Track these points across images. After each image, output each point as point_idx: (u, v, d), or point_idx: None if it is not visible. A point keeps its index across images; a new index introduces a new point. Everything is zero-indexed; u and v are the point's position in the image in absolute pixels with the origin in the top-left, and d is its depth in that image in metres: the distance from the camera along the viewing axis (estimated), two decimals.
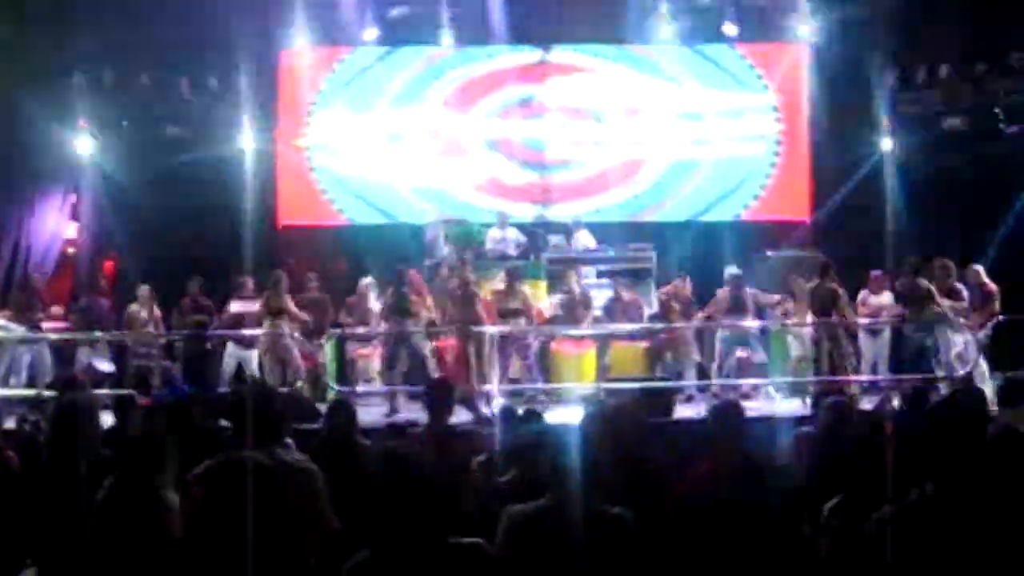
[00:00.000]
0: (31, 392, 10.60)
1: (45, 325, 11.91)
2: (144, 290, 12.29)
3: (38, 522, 4.40)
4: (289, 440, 4.23)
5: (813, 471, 4.89)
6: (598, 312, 12.06)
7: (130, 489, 4.07)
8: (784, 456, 5.42)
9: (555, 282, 12.39)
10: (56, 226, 14.64)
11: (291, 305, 11.39)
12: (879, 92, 14.38)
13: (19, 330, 11.48)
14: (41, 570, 4.36)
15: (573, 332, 11.76)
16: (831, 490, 4.23)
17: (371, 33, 15.13)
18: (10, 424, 7.69)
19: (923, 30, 13.94)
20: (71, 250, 14.91)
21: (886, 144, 14.47)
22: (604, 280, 12.86)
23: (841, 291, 11.24)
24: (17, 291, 12.31)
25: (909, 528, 3.15)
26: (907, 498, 3.23)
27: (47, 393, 9.22)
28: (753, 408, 8.86)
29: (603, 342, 11.64)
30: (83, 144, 14.55)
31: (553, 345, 11.96)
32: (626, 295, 12.18)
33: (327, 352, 11.55)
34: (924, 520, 3.15)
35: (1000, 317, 11.06)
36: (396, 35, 15.35)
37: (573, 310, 11.81)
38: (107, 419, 6.48)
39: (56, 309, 12.49)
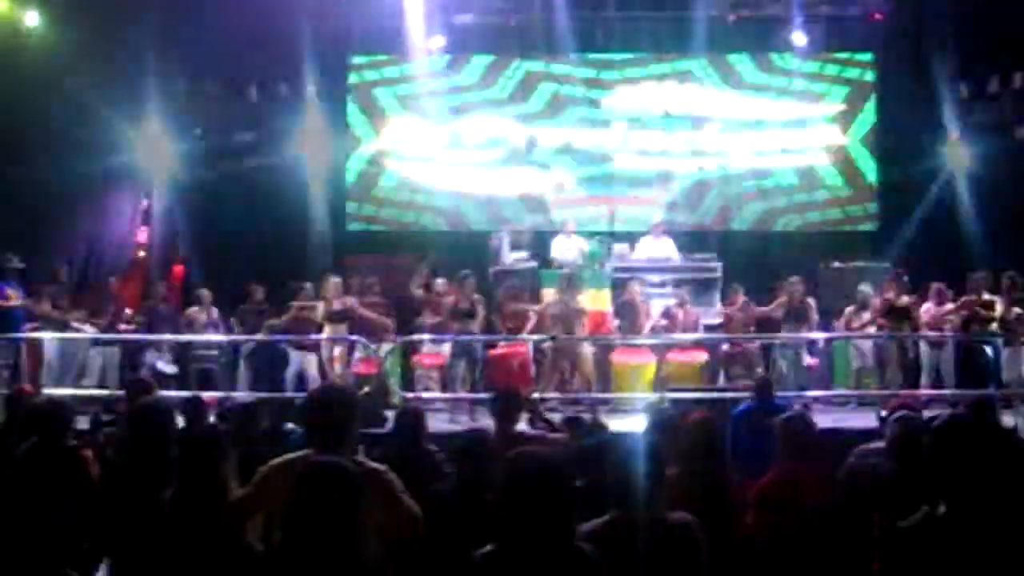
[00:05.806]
0: (103, 392, 10.80)
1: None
2: (204, 293, 12.47)
3: (113, 519, 4.48)
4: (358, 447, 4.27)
5: (883, 486, 4.83)
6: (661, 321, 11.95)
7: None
8: (849, 469, 5.36)
9: (618, 291, 12.32)
10: (128, 230, 14.93)
11: (362, 309, 11.49)
12: (950, 102, 14.21)
13: (91, 331, 11.74)
14: (115, 566, 4.44)
15: (632, 342, 11.64)
16: (902, 505, 4.17)
17: (437, 41, 15.25)
18: (83, 424, 7.82)
19: (995, 39, 13.72)
20: (142, 254, 15.17)
21: (957, 154, 14.26)
22: (667, 290, 12.73)
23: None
24: (92, 293, 12.55)
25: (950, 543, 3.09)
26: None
27: (118, 394, 9.35)
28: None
29: (662, 353, 11.53)
30: (155, 150, 14.81)
31: (613, 356, 11.86)
32: (686, 307, 12.03)
33: (391, 358, 11.54)
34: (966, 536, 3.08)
35: None
36: (462, 43, 15.44)
37: (634, 320, 11.74)
38: None
39: (126, 312, 12.69)
